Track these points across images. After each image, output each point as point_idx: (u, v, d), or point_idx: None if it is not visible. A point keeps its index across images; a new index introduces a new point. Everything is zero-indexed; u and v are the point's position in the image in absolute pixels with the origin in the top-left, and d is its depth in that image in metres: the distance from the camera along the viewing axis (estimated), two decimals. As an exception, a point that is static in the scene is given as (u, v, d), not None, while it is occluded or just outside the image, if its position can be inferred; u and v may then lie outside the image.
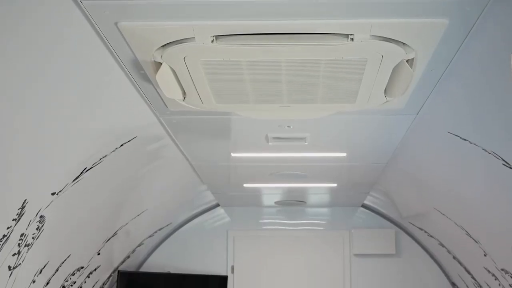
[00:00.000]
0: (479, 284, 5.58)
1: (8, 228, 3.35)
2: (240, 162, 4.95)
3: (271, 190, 6.32)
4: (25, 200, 3.35)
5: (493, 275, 4.93)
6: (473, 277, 5.69)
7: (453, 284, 6.84)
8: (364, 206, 7.14)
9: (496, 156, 3.44)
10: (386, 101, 3.18)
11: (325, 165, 5.06)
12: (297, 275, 7.17)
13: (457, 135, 3.60)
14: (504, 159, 3.41)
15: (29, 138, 3.00)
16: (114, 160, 3.97)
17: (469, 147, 3.61)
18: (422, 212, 5.76)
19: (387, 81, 2.92)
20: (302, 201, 6.85)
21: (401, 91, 2.98)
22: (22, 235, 3.55)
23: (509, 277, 4.58)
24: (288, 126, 3.94)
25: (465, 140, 3.57)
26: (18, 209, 3.34)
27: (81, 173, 3.76)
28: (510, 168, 3.42)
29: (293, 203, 6.91)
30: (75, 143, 3.44)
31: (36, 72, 2.60)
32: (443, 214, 5.17)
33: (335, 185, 5.89)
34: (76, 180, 3.77)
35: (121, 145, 3.85)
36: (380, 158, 4.79)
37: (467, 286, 6.13)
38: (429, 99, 3.39)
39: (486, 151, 3.49)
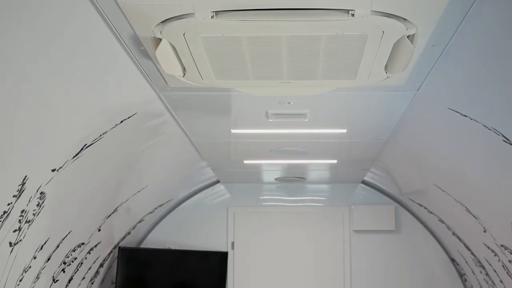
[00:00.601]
0: (478, 260, 5.60)
1: (8, 204, 3.36)
2: (240, 138, 4.95)
3: (271, 167, 6.32)
4: (25, 176, 3.36)
5: (493, 251, 4.95)
6: (472, 253, 5.71)
7: (452, 260, 6.87)
8: (364, 182, 7.15)
9: (497, 132, 3.44)
10: (387, 78, 3.17)
11: (325, 141, 5.06)
12: (297, 251, 7.20)
13: (457, 112, 3.59)
14: (505, 135, 3.41)
15: (29, 114, 3.00)
16: (114, 136, 3.97)
17: (470, 124, 3.60)
18: (422, 188, 5.77)
19: (388, 57, 2.91)
20: (302, 178, 6.86)
21: (402, 67, 2.97)
22: (22, 211, 3.56)
23: (509, 253, 4.60)
24: (288, 103, 3.93)
25: (465, 116, 3.57)
26: (19, 186, 3.35)
27: (81, 149, 3.76)
28: (511, 144, 3.42)
29: (293, 179, 6.92)
30: (75, 120, 3.43)
31: (36, 49, 2.59)
32: (443, 191, 5.18)
33: (335, 161, 5.89)
34: (76, 157, 3.77)
35: (121, 121, 3.84)
36: (380, 134, 4.78)
37: (466, 262, 6.16)
38: (429, 75, 3.38)
39: (486, 127, 3.48)
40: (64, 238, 4.49)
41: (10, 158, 3.14)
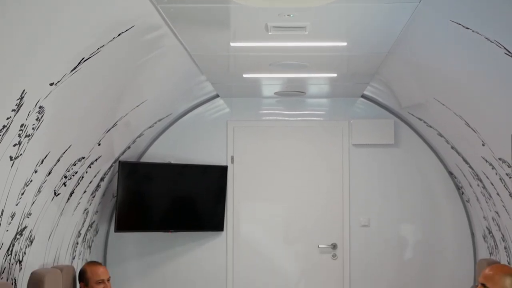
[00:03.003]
0: (476, 173, 5.65)
1: (7, 118, 3.36)
2: (239, 51, 4.92)
3: (271, 81, 6.30)
4: (24, 90, 3.34)
5: (490, 164, 4.98)
6: (470, 167, 5.75)
7: (450, 173, 6.93)
8: (364, 96, 7.13)
9: (499, 45, 3.41)
10: (389, -12, 3.12)
11: (325, 55, 5.02)
12: (296, 165, 7.24)
13: (459, 24, 3.55)
14: (507, 48, 3.38)
15: (25, 28, 2.96)
16: (112, 50, 3.93)
17: (472, 36, 3.57)
18: (422, 102, 5.77)
19: (390, -33, 2.86)
20: (302, 92, 6.84)
21: (404, -22, 2.91)
22: (22, 125, 3.56)
23: (506, 166, 4.63)
24: (288, 15, 3.88)
25: (467, 28, 3.53)
26: (17, 100, 3.34)
27: (79, 63, 3.73)
28: (512, 57, 3.40)
29: (293, 93, 6.90)
30: (72, 33, 3.40)
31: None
32: (443, 104, 5.17)
33: (335, 75, 5.87)
34: (74, 70, 3.75)
35: (119, 34, 3.80)
36: (381, 47, 4.74)
37: (464, 175, 6.21)
38: (432, -14, 3.32)
39: (488, 39, 3.45)
40: (64, 152, 4.51)
41: (8, 73, 3.12)
